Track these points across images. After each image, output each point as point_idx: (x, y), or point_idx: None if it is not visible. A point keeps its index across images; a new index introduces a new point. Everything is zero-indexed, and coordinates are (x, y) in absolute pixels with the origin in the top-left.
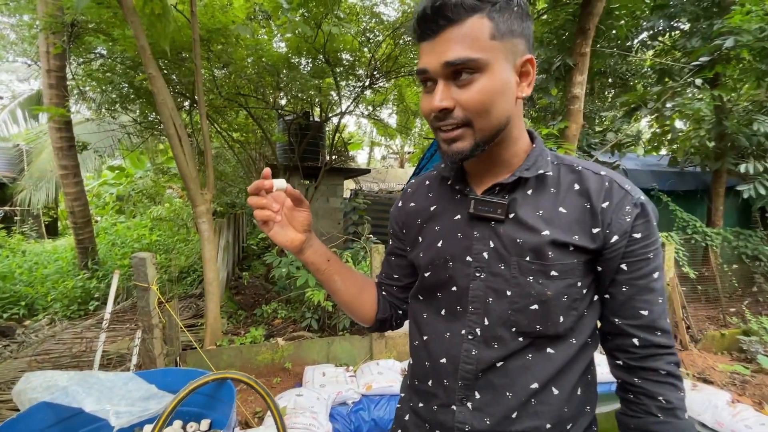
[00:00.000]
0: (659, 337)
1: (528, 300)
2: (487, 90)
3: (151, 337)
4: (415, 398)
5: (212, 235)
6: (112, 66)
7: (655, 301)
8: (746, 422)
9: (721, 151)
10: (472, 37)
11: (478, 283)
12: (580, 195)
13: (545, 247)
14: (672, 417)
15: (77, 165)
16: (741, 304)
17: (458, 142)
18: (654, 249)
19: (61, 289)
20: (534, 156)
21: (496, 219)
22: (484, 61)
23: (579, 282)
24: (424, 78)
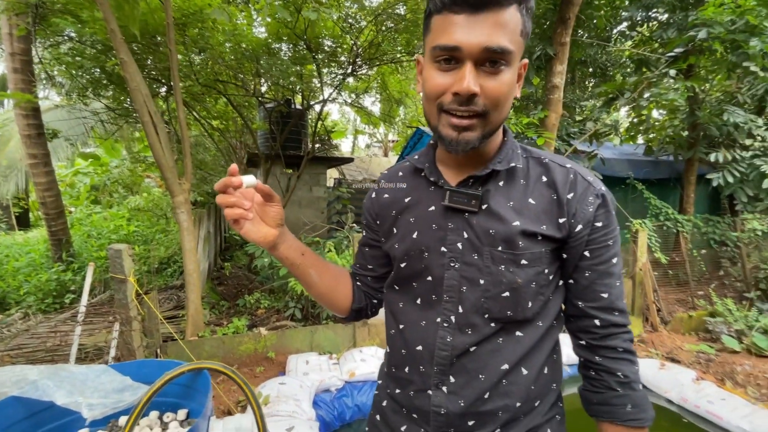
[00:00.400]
0: (617, 317)
1: (500, 288)
2: (508, 84)
3: (130, 329)
4: (392, 385)
5: (192, 225)
6: (81, 50)
7: (613, 285)
8: (708, 398)
9: (694, 140)
10: (512, 27)
11: (452, 273)
12: (548, 186)
13: (516, 237)
14: (629, 390)
15: (47, 154)
16: (708, 288)
17: (469, 131)
18: (613, 236)
19: (34, 282)
20: (506, 149)
21: (470, 210)
22: (514, 56)
23: (546, 269)
24: (449, 56)
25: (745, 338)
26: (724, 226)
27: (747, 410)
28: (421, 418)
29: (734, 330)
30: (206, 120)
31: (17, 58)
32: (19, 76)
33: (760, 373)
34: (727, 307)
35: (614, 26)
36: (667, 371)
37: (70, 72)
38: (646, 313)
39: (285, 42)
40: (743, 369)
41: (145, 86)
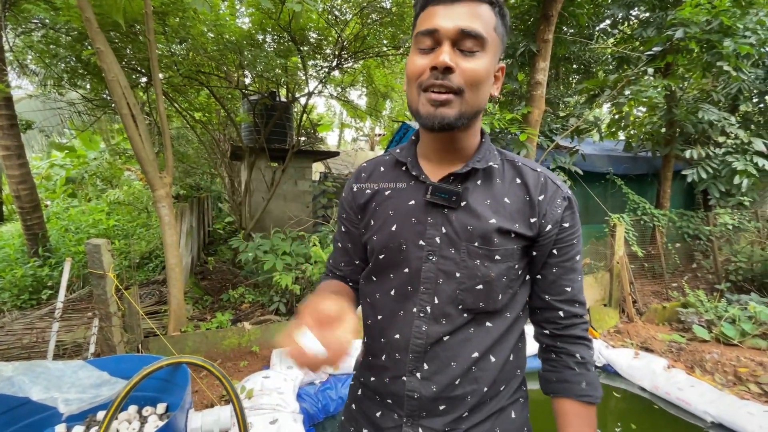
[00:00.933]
0: (577, 309)
1: (474, 281)
2: (484, 68)
3: (110, 325)
4: (368, 373)
5: (173, 219)
6: (55, 37)
7: (576, 279)
8: (679, 385)
9: (670, 137)
10: (485, 19)
11: (429, 266)
12: (521, 188)
13: (492, 233)
14: (585, 370)
15: (21, 145)
16: (682, 280)
17: (446, 107)
18: (577, 236)
19: (9, 278)
20: (484, 149)
21: (450, 206)
22: (489, 43)
23: (516, 265)
24: (430, 39)
25: (714, 328)
26: (698, 220)
27: (713, 396)
28: (395, 403)
29: (705, 320)
30: (188, 112)
31: None
32: None
33: (727, 360)
34: (699, 299)
35: (596, 24)
36: (640, 360)
37: (43, 60)
38: (622, 304)
39: (269, 33)
40: (712, 357)
41: (123, 77)
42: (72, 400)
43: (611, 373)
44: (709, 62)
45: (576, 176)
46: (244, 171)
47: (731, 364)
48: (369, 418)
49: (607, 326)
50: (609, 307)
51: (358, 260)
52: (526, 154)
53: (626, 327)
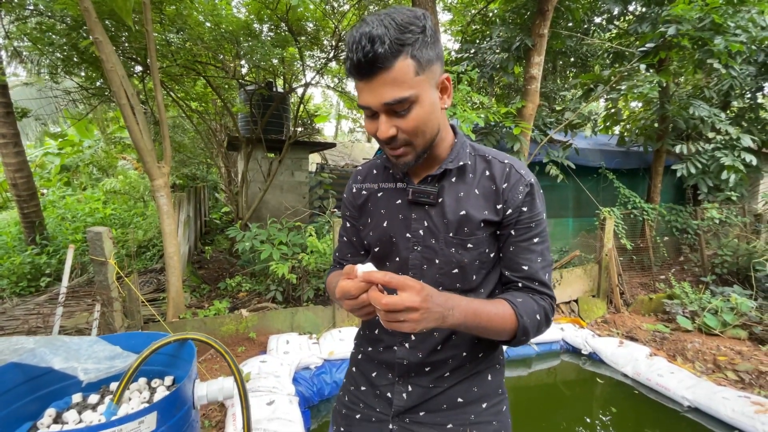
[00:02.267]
0: (537, 286)
1: (451, 266)
2: (420, 117)
3: (111, 310)
4: (365, 344)
5: (171, 208)
6: (50, 25)
7: (534, 260)
8: (659, 371)
9: (662, 132)
10: (401, 79)
11: (415, 255)
12: (489, 179)
13: (464, 224)
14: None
15: (17, 133)
16: (669, 272)
17: (404, 157)
18: (537, 220)
19: (7, 266)
20: (456, 149)
21: (429, 203)
22: (415, 96)
23: (487, 249)
24: (369, 112)
25: (698, 318)
26: (686, 214)
27: (691, 382)
28: (387, 367)
29: (689, 311)
30: (184, 102)
31: None
32: None
33: (708, 349)
34: (684, 290)
35: (593, 18)
36: (624, 348)
37: (38, 48)
38: (610, 295)
39: (266, 23)
40: (693, 346)
41: (121, 67)
42: (90, 370)
43: (596, 361)
44: (700, 59)
45: (568, 170)
46: (241, 161)
47: (711, 353)
48: (366, 378)
49: (595, 316)
50: (597, 298)
51: (363, 251)
52: (519, 147)
53: (613, 317)
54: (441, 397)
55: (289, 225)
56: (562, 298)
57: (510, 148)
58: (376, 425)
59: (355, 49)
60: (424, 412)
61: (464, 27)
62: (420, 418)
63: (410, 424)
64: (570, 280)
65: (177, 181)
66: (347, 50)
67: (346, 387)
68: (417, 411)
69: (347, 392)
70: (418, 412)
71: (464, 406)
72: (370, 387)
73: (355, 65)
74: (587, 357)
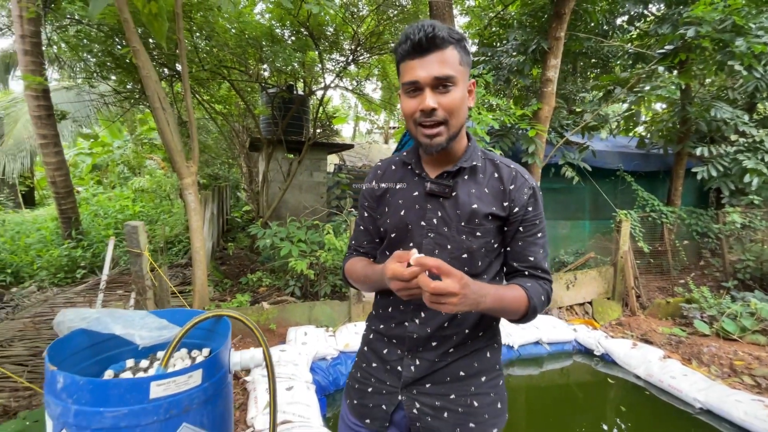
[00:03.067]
0: (540, 273)
1: (461, 251)
2: (458, 97)
3: (145, 298)
4: (377, 322)
5: (198, 206)
6: (88, 33)
7: (537, 252)
8: (672, 374)
9: (684, 134)
10: (452, 61)
11: (428, 240)
12: (498, 180)
13: (475, 216)
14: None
15: (57, 134)
16: (688, 277)
17: (438, 137)
18: (540, 218)
19: (46, 258)
20: (470, 151)
21: (444, 196)
22: (457, 78)
23: (492, 240)
24: (413, 88)
25: (716, 323)
26: (707, 218)
27: (704, 385)
28: (398, 342)
29: (707, 315)
30: (209, 104)
31: (27, 41)
32: (30, 58)
33: (725, 354)
34: (703, 295)
35: (613, 20)
36: (637, 350)
37: (77, 54)
38: (626, 298)
39: (288, 28)
40: (709, 350)
41: (155, 74)
42: (145, 336)
43: (609, 362)
44: (721, 61)
45: (585, 172)
46: (262, 162)
47: (728, 358)
48: (377, 354)
49: (610, 319)
50: (612, 300)
51: (378, 239)
52: (534, 149)
53: (628, 320)
54: (445, 371)
55: (307, 223)
56: (576, 300)
57: (525, 149)
58: (386, 397)
59: (418, 31)
60: (429, 384)
61: (481, 30)
62: (426, 389)
63: (417, 395)
64: (584, 282)
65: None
66: (406, 34)
67: (358, 364)
68: (423, 383)
69: (359, 369)
70: (425, 384)
71: (465, 379)
72: (381, 363)
73: (415, 43)
74: (600, 358)
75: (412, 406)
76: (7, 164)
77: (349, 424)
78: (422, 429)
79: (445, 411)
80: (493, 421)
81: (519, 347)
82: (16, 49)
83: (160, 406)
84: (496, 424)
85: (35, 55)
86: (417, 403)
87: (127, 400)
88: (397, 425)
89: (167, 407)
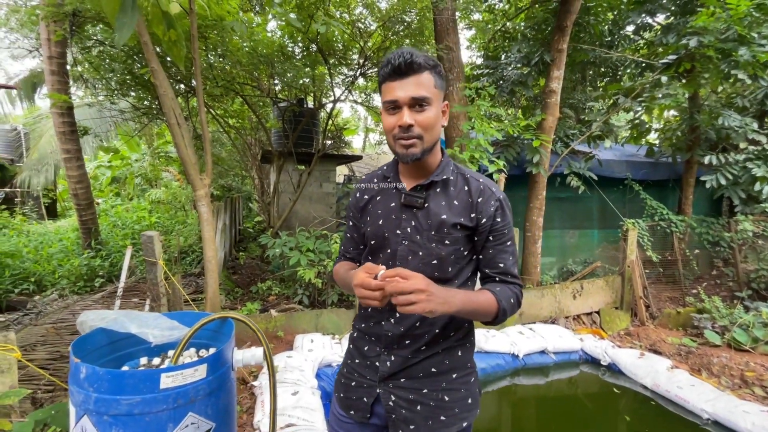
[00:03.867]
0: (510, 279)
1: (431, 258)
2: (432, 116)
3: (159, 305)
4: (360, 321)
5: (211, 216)
6: (110, 53)
7: (507, 259)
8: (679, 384)
9: (692, 142)
10: (427, 84)
11: (403, 248)
12: (467, 193)
13: (444, 225)
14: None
15: (79, 149)
16: (700, 287)
17: (413, 148)
18: (508, 227)
19: (67, 267)
20: (442, 166)
21: (417, 207)
22: (432, 99)
23: (462, 248)
24: (393, 106)
25: (727, 333)
26: (718, 227)
27: (712, 395)
28: (376, 339)
29: (719, 326)
30: (223, 118)
31: (54, 61)
32: (56, 77)
33: (736, 365)
34: (715, 305)
35: (618, 31)
36: (644, 360)
37: (99, 73)
38: (634, 308)
39: (298, 44)
40: (719, 361)
41: (172, 92)
42: (157, 335)
43: (615, 372)
44: (725, 70)
45: (591, 181)
46: (273, 173)
47: (739, 368)
48: (360, 352)
49: (618, 328)
50: (620, 310)
51: (362, 245)
52: (539, 159)
53: (637, 330)
54: (418, 367)
55: (316, 233)
56: (583, 309)
57: (530, 160)
58: (366, 390)
59: (398, 56)
60: (404, 378)
61: (485, 44)
62: (401, 383)
63: (393, 389)
64: (591, 292)
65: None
66: (388, 59)
67: (345, 361)
68: (398, 377)
69: (346, 365)
70: (400, 379)
71: (437, 375)
72: (363, 359)
73: (395, 67)
74: (606, 368)
75: (388, 398)
76: (33, 178)
77: (337, 416)
78: (398, 420)
79: (419, 404)
80: (463, 414)
81: (524, 356)
82: (43, 69)
83: (169, 395)
84: (467, 418)
85: (61, 75)
86: (393, 396)
87: (140, 389)
88: (378, 416)
89: (175, 397)
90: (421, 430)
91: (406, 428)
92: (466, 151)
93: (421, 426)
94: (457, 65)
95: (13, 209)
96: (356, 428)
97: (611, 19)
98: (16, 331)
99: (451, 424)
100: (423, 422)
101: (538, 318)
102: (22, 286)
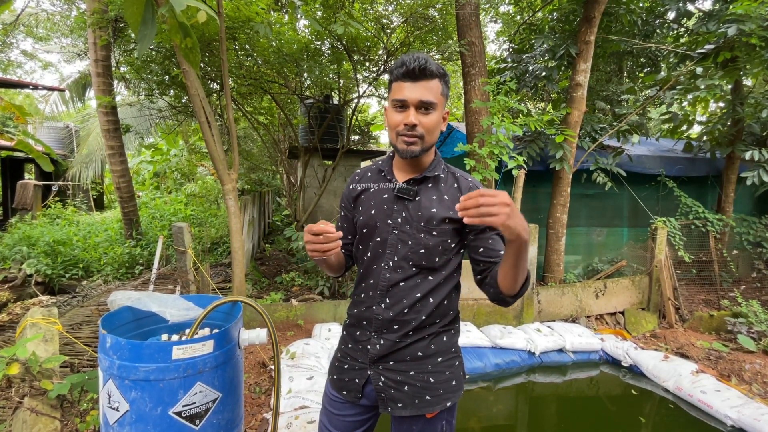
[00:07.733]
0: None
1: (419, 247)
2: (435, 120)
3: (188, 291)
4: (353, 308)
5: (237, 210)
6: (150, 55)
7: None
8: (703, 388)
9: (734, 136)
10: (435, 90)
11: (393, 236)
12: (457, 190)
13: (433, 218)
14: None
15: (122, 145)
16: (738, 290)
17: (413, 146)
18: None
19: (111, 255)
20: (434, 164)
21: (408, 199)
22: (437, 105)
23: (449, 239)
24: (401, 105)
25: (764, 339)
26: (761, 227)
27: (739, 402)
28: (367, 324)
29: (755, 331)
30: (253, 115)
31: (100, 64)
32: (101, 79)
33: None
34: (752, 309)
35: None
36: (668, 363)
37: (140, 75)
38: (662, 309)
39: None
40: (752, 367)
41: (203, 91)
42: (174, 314)
43: (637, 374)
44: None
45: (619, 177)
46: (300, 169)
47: None
48: (353, 337)
49: (644, 330)
50: (647, 311)
51: (351, 235)
52: (562, 155)
53: (664, 332)
54: (405, 351)
55: None
56: (607, 309)
57: (553, 155)
58: (358, 372)
59: (414, 60)
60: (393, 361)
61: (511, 37)
62: (390, 366)
63: (382, 370)
64: (615, 291)
65: (245, 186)
66: (403, 61)
67: (339, 346)
68: (387, 360)
69: (340, 350)
70: (389, 361)
71: (423, 358)
72: (355, 343)
73: (410, 70)
74: (627, 369)
75: (377, 379)
76: (82, 172)
77: (330, 396)
78: (386, 399)
79: (406, 385)
80: (447, 395)
81: (541, 354)
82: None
83: (180, 366)
84: (450, 398)
85: (106, 77)
86: (382, 377)
87: (156, 358)
88: (368, 396)
89: (185, 367)
90: (408, 408)
91: (394, 406)
92: (486, 146)
93: (407, 405)
94: (480, 60)
95: (66, 201)
96: (347, 407)
97: (647, 6)
98: (65, 312)
99: (435, 403)
100: (410, 401)
101: (558, 316)
102: (72, 271)
